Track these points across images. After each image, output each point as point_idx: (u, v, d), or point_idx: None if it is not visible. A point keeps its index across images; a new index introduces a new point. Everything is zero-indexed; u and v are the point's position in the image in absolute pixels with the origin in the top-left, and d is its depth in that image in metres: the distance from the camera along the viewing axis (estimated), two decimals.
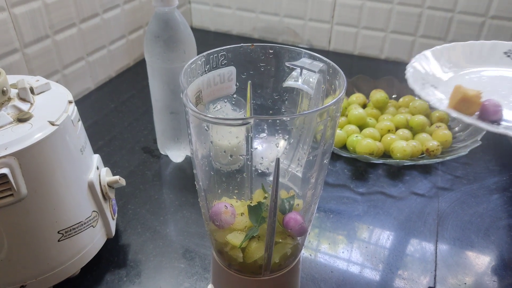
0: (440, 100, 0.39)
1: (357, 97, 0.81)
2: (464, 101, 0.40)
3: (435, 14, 0.97)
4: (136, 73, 0.97)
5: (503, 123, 0.38)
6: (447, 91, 0.40)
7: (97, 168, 0.50)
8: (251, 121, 0.31)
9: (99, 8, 0.86)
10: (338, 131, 0.72)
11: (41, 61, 0.76)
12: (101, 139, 0.75)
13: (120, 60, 0.96)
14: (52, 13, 0.75)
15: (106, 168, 0.52)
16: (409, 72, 0.44)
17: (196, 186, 0.41)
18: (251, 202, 0.40)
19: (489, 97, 0.39)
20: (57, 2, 0.76)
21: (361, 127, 0.75)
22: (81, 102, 0.86)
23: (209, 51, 0.40)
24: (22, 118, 0.42)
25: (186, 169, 0.68)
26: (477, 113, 0.39)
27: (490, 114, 0.39)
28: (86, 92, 0.88)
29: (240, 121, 0.31)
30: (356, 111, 0.75)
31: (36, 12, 0.72)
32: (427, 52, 0.49)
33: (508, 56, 0.48)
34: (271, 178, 0.43)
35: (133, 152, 0.72)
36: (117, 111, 0.84)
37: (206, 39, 1.16)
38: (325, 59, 0.40)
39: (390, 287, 0.51)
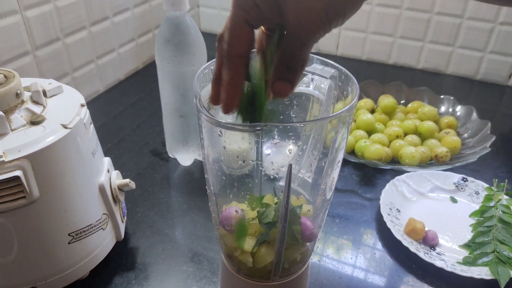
0: (397, 228, 0.57)
1: (365, 102, 0.81)
2: (413, 231, 0.56)
3: (443, 20, 0.97)
4: (145, 76, 0.98)
5: (437, 248, 0.56)
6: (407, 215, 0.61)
7: (108, 171, 0.50)
8: (264, 127, 0.31)
9: (109, 11, 0.86)
10: None
11: (52, 64, 0.76)
12: (110, 142, 0.75)
13: (129, 63, 0.97)
14: (63, 16, 0.76)
15: (117, 171, 0.52)
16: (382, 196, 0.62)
17: (207, 190, 0.41)
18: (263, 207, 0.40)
19: (434, 224, 0.59)
20: (68, 6, 0.76)
21: (370, 132, 0.75)
22: (90, 105, 0.85)
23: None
24: (35, 121, 0.43)
25: (194, 172, 0.69)
26: (421, 239, 0.57)
27: (429, 240, 0.56)
28: (95, 94, 0.89)
29: (253, 127, 0.31)
30: (365, 116, 0.75)
31: (48, 15, 0.73)
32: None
33: (456, 186, 0.65)
34: (281, 183, 0.43)
35: (142, 155, 0.72)
36: (126, 113, 0.84)
37: (214, 42, 1.17)
38: (336, 65, 0.40)
39: None
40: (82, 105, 0.47)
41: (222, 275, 0.47)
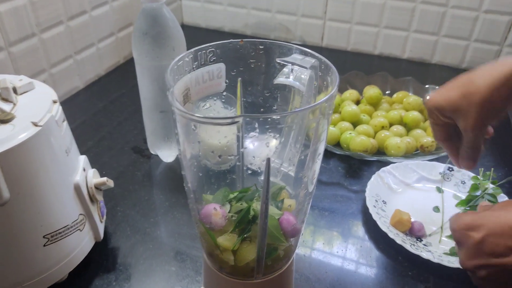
0: (383, 220, 0.57)
1: (351, 93, 0.80)
2: (399, 223, 0.55)
3: (428, 9, 0.96)
4: (126, 71, 0.95)
5: (424, 239, 0.55)
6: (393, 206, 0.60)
7: (84, 170, 0.48)
8: (240, 120, 0.30)
9: (87, 5, 0.84)
10: (331, 128, 0.71)
11: (28, 60, 0.74)
12: (90, 139, 0.73)
13: (110, 58, 0.94)
14: (38, 10, 0.73)
15: (94, 169, 0.50)
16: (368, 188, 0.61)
17: (185, 188, 0.40)
18: (241, 204, 0.39)
19: (420, 214, 0.58)
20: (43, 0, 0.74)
21: (355, 123, 0.74)
22: (69, 102, 0.84)
23: (196, 48, 0.39)
24: (4, 119, 0.41)
25: (176, 169, 0.67)
26: (408, 231, 0.56)
27: (416, 231, 0.56)
28: (74, 91, 0.87)
29: (228, 120, 0.30)
30: (350, 107, 0.74)
31: (22, 10, 0.70)
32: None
33: (442, 176, 0.65)
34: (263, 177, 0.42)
35: (123, 153, 0.70)
36: (106, 110, 0.82)
37: (198, 36, 1.15)
38: (317, 54, 0.39)
39: (386, 286, 0.50)
40: (54, 102, 0.45)
41: (205, 274, 0.46)
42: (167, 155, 0.67)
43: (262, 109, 0.44)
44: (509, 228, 0.36)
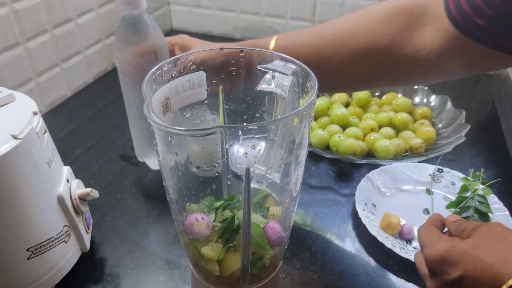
0: (373, 223, 0.56)
1: (340, 96, 0.80)
2: (389, 226, 0.55)
3: None
4: (114, 78, 0.94)
5: (414, 242, 0.55)
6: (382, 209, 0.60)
7: (67, 181, 0.48)
8: (217, 131, 0.29)
9: (72, 13, 0.83)
10: (320, 132, 0.70)
11: (13, 70, 0.73)
12: (78, 148, 0.72)
13: (97, 65, 0.94)
14: (22, 19, 0.73)
15: (78, 180, 0.50)
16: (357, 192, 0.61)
17: (167, 198, 0.39)
18: (222, 214, 0.38)
19: (410, 217, 0.59)
20: (27, 8, 0.73)
21: (344, 126, 0.73)
22: (57, 110, 0.83)
23: (175, 57, 0.38)
24: None
25: None
26: (397, 234, 0.56)
27: (405, 235, 0.55)
28: (62, 99, 0.86)
29: (204, 132, 0.29)
30: (339, 110, 0.74)
31: (4, 19, 0.70)
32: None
33: (432, 177, 0.65)
34: (252, 185, 0.41)
35: (111, 161, 0.70)
36: (95, 118, 0.81)
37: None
38: (297, 61, 0.38)
39: None
40: (35, 113, 0.45)
41: (192, 284, 0.46)
42: (154, 162, 0.67)
43: (245, 116, 0.44)
44: (488, 275, 0.35)
